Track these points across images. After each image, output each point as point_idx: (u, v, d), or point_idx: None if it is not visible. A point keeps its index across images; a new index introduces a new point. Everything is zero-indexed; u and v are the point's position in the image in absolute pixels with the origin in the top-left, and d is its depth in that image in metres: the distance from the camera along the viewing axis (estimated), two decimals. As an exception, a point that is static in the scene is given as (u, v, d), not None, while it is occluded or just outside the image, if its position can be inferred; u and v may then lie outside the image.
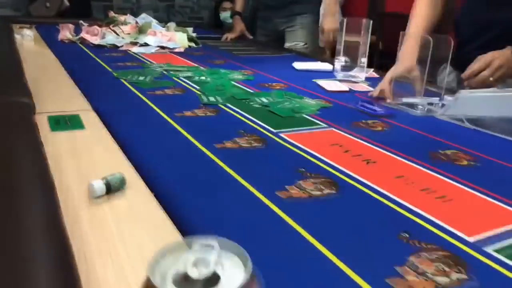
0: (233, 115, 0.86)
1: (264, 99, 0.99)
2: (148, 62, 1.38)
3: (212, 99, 0.96)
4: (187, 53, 1.62)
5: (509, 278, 0.41)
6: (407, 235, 0.46)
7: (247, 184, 0.56)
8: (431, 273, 0.41)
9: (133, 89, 1.02)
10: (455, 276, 0.40)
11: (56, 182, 0.50)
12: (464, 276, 0.40)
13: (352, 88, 1.17)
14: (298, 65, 1.43)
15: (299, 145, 0.71)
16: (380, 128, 0.83)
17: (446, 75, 1.11)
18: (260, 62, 1.52)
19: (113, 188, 0.52)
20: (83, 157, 0.61)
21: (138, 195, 0.52)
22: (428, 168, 0.64)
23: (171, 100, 0.95)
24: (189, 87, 1.08)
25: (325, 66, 1.43)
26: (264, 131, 0.77)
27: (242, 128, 0.78)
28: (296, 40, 1.99)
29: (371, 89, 1.17)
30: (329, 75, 1.34)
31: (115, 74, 1.15)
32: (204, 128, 0.77)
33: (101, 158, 0.62)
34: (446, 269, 0.41)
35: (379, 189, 0.56)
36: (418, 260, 0.42)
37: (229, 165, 0.61)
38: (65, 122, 0.77)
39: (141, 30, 1.77)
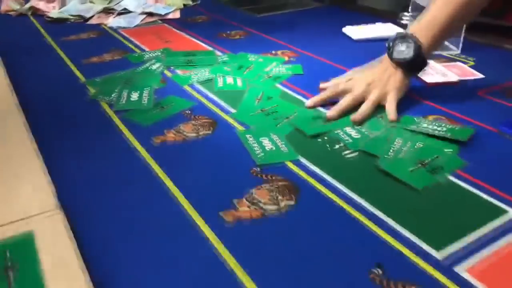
0: (325, 197, 0.45)
1: (351, 131, 0.58)
2: (138, 50, 0.92)
3: (268, 146, 0.55)
4: (186, 22, 1.14)
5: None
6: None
7: None
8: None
9: (124, 128, 0.60)
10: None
11: None
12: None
13: (459, 77, 0.75)
14: (353, 32, 0.98)
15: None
16: None
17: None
18: (293, 28, 1.07)
19: None
20: None
21: None
22: None
23: (197, 161, 0.52)
24: (215, 109, 0.65)
25: (391, 31, 0.99)
26: (418, 260, 0.37)
27: (371, 261, 0.38)
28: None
29: (480, 75, 0.76)
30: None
31: (91, 93, 0.71)
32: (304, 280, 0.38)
33: None
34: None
35: None
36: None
37: None
38: (4, 279, 0.36)
39: (115, -12, 1.27)
